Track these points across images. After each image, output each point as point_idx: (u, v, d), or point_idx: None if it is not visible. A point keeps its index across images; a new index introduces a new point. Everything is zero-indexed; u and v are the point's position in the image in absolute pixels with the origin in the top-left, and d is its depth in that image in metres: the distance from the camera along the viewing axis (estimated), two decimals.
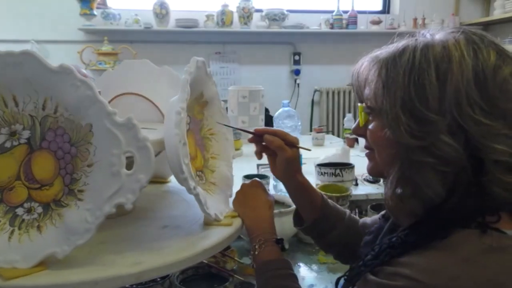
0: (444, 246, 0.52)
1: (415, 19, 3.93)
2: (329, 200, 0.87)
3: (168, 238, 0.69)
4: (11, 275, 0.56)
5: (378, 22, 3.90)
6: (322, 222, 0.84)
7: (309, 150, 0.86)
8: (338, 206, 0.88)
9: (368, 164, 0.68)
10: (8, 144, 0.62)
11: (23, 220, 0.60)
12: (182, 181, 0.66)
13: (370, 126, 0.63)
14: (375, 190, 1.57)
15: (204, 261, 1.06)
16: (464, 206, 0.53)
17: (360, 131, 0.67)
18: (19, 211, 0.61)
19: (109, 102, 0.96)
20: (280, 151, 0.79)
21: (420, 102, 0.54)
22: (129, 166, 0.59)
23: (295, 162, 0.81)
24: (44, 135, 0.61)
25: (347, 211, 0.88)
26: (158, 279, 1.01)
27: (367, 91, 0.62)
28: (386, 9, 4.20)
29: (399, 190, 0.58)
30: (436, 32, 0.58)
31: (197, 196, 0.68)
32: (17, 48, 0.58)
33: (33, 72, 0.57)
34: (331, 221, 0.84)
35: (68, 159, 0.61)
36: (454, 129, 0.53)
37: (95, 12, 3.43)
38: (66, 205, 0.60)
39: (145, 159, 0.58)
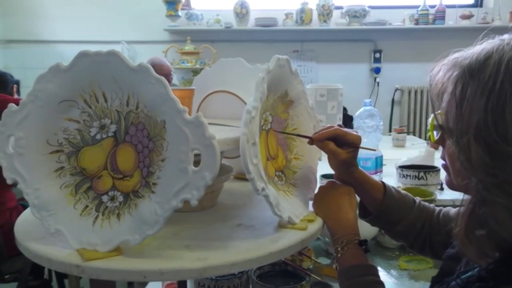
0: None
1: None
2: (397, 190, 0.82)
3: (238, 237, 0.69)
4: (90, 256, 0.60)
5: (469, 17, 3.63)
6: (387, 214, 0.80)
7: (374, 150, 0.82)
8: (407, 195, 0.83)
9: (446, 176, 0.62)
10: (98, 137, 0.67)
11: (107, 207, 0.65)
12: (250, 181, 0.66)
13: (447, 142, 0.57)
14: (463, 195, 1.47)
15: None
16: None
17: (437, 141, 0.62)
18: (104, 198, 0.66)
19: (203, 99, 1.01)
20: (333, 156, 0.77)
21: (497, 132, 0.46)
22: (198, 163, 0.60)
23: (350, 163, 0.78)
24: (128, 129, 0.65)
25: (418, 199, 0.83)
26: (236, 273, 1.04)
27: (441, 104, 0.56)
28: (478, 2, 3.89)
29: (470, 228, 0.52)
30: None
31: (266, 197, 0.68)
32: (110, 48, 0.62)
33: (117, 70, 0.61)
34: (397, 213, 0.80)
35: (146, 153, 0.64)
36: None
37: (179, 13, 3.60)
38: (142, 196, 0.63)
39: (211, 157, 0.59)
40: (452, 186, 0.62)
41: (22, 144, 0.64)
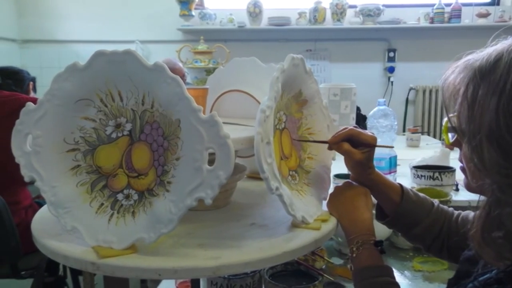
0: None
1: None
2: (415, 192, 0.81)
3: (251, 236, 0.69)
4: (106, 253, 0.61)
5: (485, 15, 3.57)
6: (404, 217, 0.79)
7: (392, 147, 0.83)
8: (425, 198, 0.82)
9: (464, 178, 0.62)
10: (114, 135, 0.68)
11: (122, 205, 0.66)
12: (264, 180, 0.66)
13: (463, 144, 0.56)
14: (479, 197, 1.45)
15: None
16: None
17: (453, 143, 0.61)
18: (119, 196, 0.66)
19: (217, 98, 1.01)
20: (347, 156, 0.77)
21: (509, 132, 0.45)
22: (213, 162, 0.60)
23: (366, 164, 0.78)
24: (143, 128, 0.66)
25: (436, 202, 0.82)
26: (249, 272, 1.04)
27: (455, 107, 0.55)
28: (495, 0, 3.82)
29: (486, 230, 0.51)
30: None
31: (280, 197, 0.68)
32: (124, 48, 0.63)
33: (133, 69, 0.62)
34: (414, 216, 0.79)
35: (161, 151, 0.65)
36: None
37: (193, 13, 3.62)
38: (157, 194, 0.64)
39: (225, 156, 0.59)
40: (470, 188, 0.61)
41: (39, 142, 0.65)
